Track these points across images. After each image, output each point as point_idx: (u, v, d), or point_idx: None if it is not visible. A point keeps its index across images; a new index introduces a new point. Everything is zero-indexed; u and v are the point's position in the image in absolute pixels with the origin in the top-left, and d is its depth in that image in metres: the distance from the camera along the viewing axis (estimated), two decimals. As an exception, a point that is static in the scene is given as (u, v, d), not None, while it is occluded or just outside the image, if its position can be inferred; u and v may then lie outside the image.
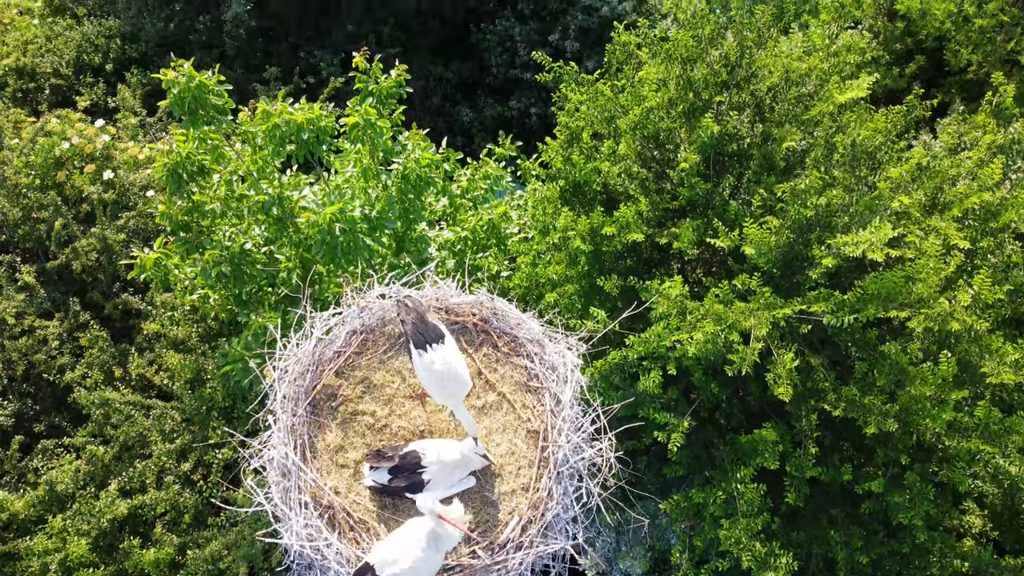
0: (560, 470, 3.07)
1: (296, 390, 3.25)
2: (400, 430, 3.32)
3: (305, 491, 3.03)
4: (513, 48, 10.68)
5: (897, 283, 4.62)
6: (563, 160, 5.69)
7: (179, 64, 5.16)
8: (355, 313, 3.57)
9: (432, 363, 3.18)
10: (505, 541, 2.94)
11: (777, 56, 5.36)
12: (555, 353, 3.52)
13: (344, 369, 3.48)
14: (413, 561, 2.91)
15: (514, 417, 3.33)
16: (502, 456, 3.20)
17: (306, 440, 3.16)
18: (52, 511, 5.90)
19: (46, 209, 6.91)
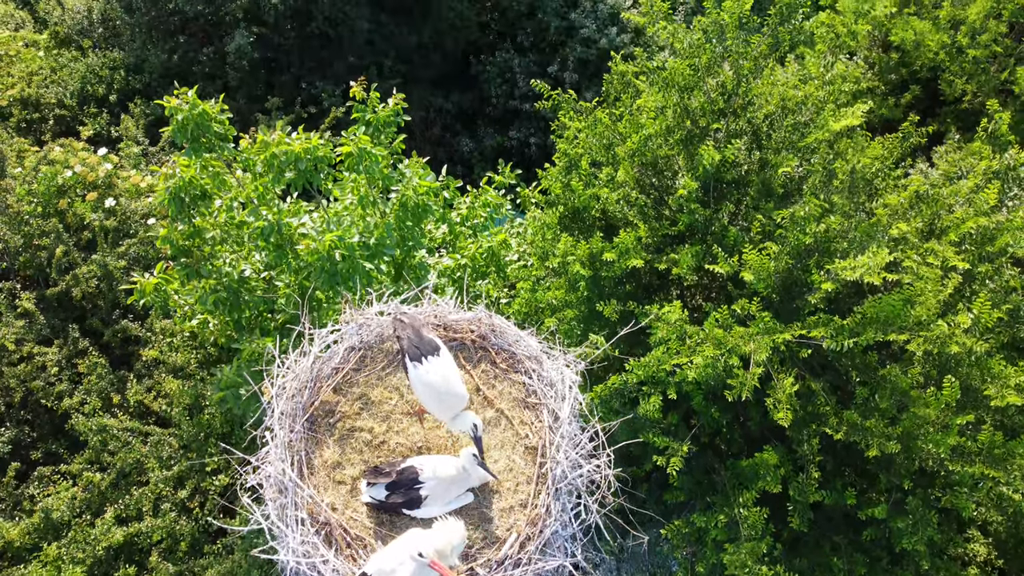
0: (558, 487, 3.05)
1: (294, 406, 3.24)
2: (398, 446, 3.30)
3: (302, 507, 3.00)
4: (512, 79, 10.82)
5: (896, 307, 4.63)
6: (562, 187, 5.73)
7: (182, 92, 5.22)
8: (353, 330, 3.57)
9: (427, 375, 3.18)
10: (503, 558, 2.90)
11: (773, 84, 5.42)
12: (553, 370, 3.51)
13: (342, 386, 3.47)
14: (410, 573, 2.88)
15: (512, 433, 3.32)
16: (500, 472, 3.18)
17: (303, 456, 3.14)
18: (47, 539, 5.84)
19: (47, 236, 6.94)
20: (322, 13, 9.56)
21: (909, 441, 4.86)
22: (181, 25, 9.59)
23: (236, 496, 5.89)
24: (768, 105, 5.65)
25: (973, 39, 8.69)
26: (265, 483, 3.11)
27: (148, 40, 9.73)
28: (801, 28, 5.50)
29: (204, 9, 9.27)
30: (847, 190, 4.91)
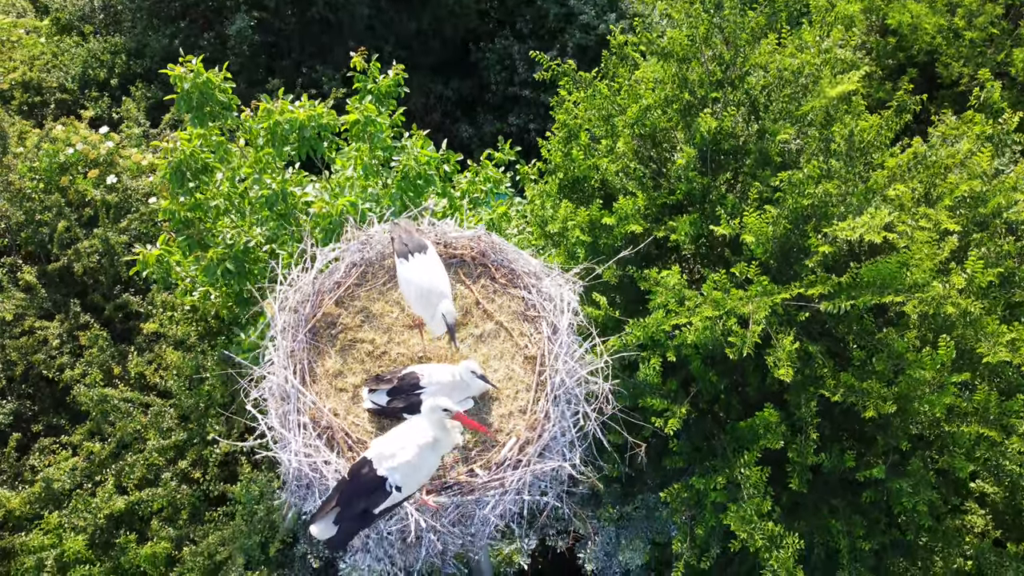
0: (557, 393, 3.08)
1: (296, 319, 3.27)
2: (399, 356, 3.34)
3: (304, 412, 3.03)
4: (512, 66, 10.87)
5: (891, 269, 4.68)
6: (562, 155, 5.77)
7: (187, 60, 5.27)
8: (355, 247, 3.61)
9: (411, 271, 3.22)
10: (503, 460, 2.93)
11: (771, 54, 5.47)
12: (552, 285, 3.55)
13: (344, 299, 3.51)
14: (412, 456, 2.88)
15: (511, 344, 3.35)
16: (500, 381, 3.21)
17: (305, 365, 3.18)
18: (48, 508, 5.86)
19: (49, 211, 6.98)
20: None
21: (906, 403, 4.91)
22: (182, 10, 9.65)
23: (237, 462, 5.93)
24: (766, 78, 5.71)
25: (970, 22, 8.76)
26: (268, 395, 3.14)
27: (149, 25, 9.79)
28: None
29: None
30: (845, 155, 4.95)
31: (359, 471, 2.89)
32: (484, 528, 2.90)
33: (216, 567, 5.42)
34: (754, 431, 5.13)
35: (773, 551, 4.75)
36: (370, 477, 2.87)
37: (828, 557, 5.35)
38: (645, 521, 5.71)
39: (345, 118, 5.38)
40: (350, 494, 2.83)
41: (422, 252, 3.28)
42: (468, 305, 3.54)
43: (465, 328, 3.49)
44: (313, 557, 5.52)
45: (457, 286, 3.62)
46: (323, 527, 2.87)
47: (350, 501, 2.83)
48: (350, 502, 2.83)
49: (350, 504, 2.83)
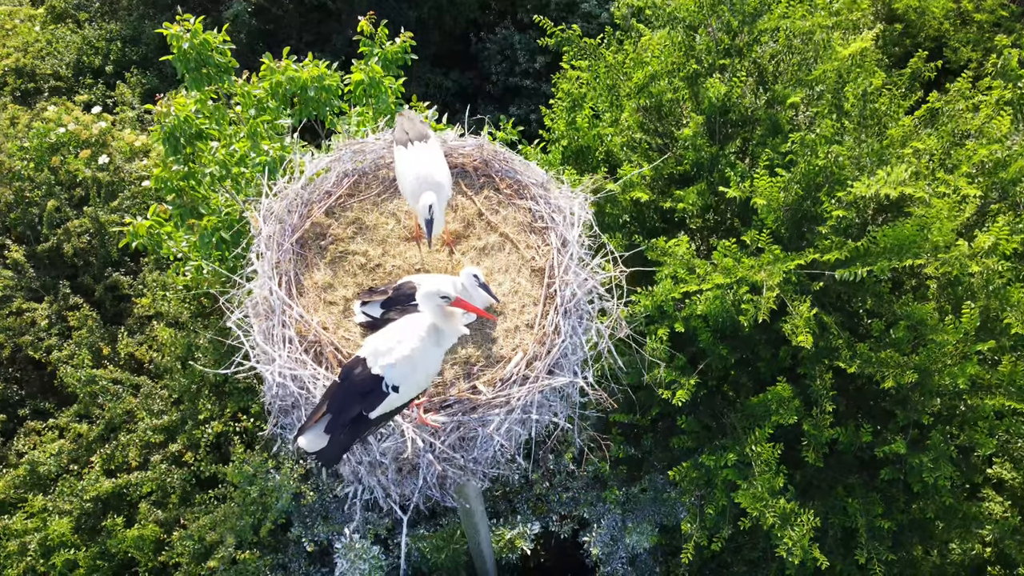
0: (567, 307, 2.85)
1: (281, 229, 3.05)
2: (395, 269, 3.10)
3: (290, 326, 2.80)
4: (513, 56, 10.71)
5: (910, 233, 4.48)
6: (566, 124, 5.60)
7: (184, 18, 5.10)
8: (347, 155, 3.40)
9: (408, 159, 2.99)
10: (508, 376, 2.70)
11: (781, 18, 5.31)
12: (561, 196, 3.33)
13: (334, 209, 3.27)
14: (410, 350, 2.60)
15: (517, 257, 3.11)
16: (505, 295, 2.97)
17: (292, 277, 2.94)
18: (33, 492, 5.65)
19: (39, 189, 6.80)
20: (321, -16, 9.50)
21: (925, 378, 4.71)
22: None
23: (230, 442, 5.71)
24: (774, 46, 5.55)
25: (978, 5, 8.62)
26: (251, 314, 2.91)
27: (145, 13, 9.65)
28: (808, -38, 5.39)
29: (202, -22, 9.21)
30: (858, 115, 4.78)
31: (351, 371, 2.60)
32: (486, 452, 2.67)
33: (206, 550, 5.20)
34: (766, 407, 4.93)
35: (787, 529, 4.54)
36: (364, 377, 2.58)
37: (844, 537, 5.13)
38: (652, 504, 5.49)
39: (349, 78, 5.19)
40: (342, 398, 2.55)
41: (423, 141, 3.06)
42: (470, 216, 3.30)
43: (467, 241, 3.25)
44: (307, 541, 5.30)
45: (458, 197, 3.40)
46: (312, 438, 2.57)
47: (342, 406, 2.54)
48: (342, 407, 2.54)
49: (343, 409, 2.54)
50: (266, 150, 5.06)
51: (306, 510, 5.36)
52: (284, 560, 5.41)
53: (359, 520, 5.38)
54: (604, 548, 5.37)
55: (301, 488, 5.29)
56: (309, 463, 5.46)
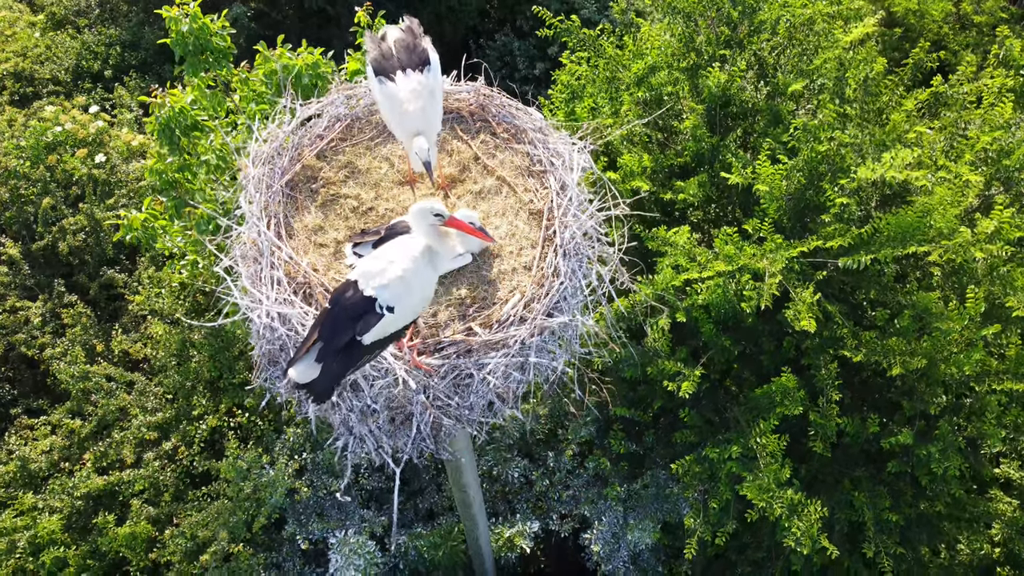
0: (567, 248, 2.76)
1: (271, 171, 2.96)
2: (387, 212, 3.00)
3: (279, 267, 2.70)
4: (512, 62, 10.72)
5: (913, 220, 4.42)
6: (565, 115, 5.56)
7: (184, 2, 5.08)
8: (340, 100, 3.32)
9: (402, 96, 2.86)
10: (505, 317, 2.61)
11: (783, 6, 5.28)
12: (560, 141, 3.25)
13: (326, 153, 3.17)
14: (403, 271, 2.50)
15: (515, 200, 3.02)
16: (502, 238, 2.87)
17: (281, 220, 2.85)
18: (24, 489, 5.54)
19: (35, 186, 6.74)
20: (321, -11, 9.50)
21: (932, 367, 4.63)
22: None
23: (224, 437, 5.61)
24: (775, 39, 5.52)
25: (977, 7, 8.62)
26: (239, 257, 2.83)
27: (145, 19, 9.65)
28: (808, -48, 5.37)
29: (202, -17, 9.20)
30: (861, 100, 4.73)
31: (342, 295, 2.49)
32: (481, 398, 2.56)
33: (199, 548, 5.09)
34: (771, 398, 4.84)
35: (794, 520, 4.43)
36: (356, 299, 2.46)
37: (851, 532, 5.02)
38: (655, 500, 5.39)
39: (345, 67, 5.16)
40: (333, 323, 2.42)
41: (421, 70, 2.94)
42: (466, 160, 3.21)
43: (463, 185, 3.16)
44: (302, 539, 5.18)
45: (453, 142, 3.31)
46: (303, 369, 2.43)
47: (334, 331, 2.41)
48: (334, 333, 2.41)
49: (334, 335, 2.41)
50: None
51: (300, 507, 5.25)
52: (278, 559, 5.30)
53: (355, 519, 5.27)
54: (605, 546, 5.25)
55: (295, 484, 5.18)
56: (304, 459, 5.37)
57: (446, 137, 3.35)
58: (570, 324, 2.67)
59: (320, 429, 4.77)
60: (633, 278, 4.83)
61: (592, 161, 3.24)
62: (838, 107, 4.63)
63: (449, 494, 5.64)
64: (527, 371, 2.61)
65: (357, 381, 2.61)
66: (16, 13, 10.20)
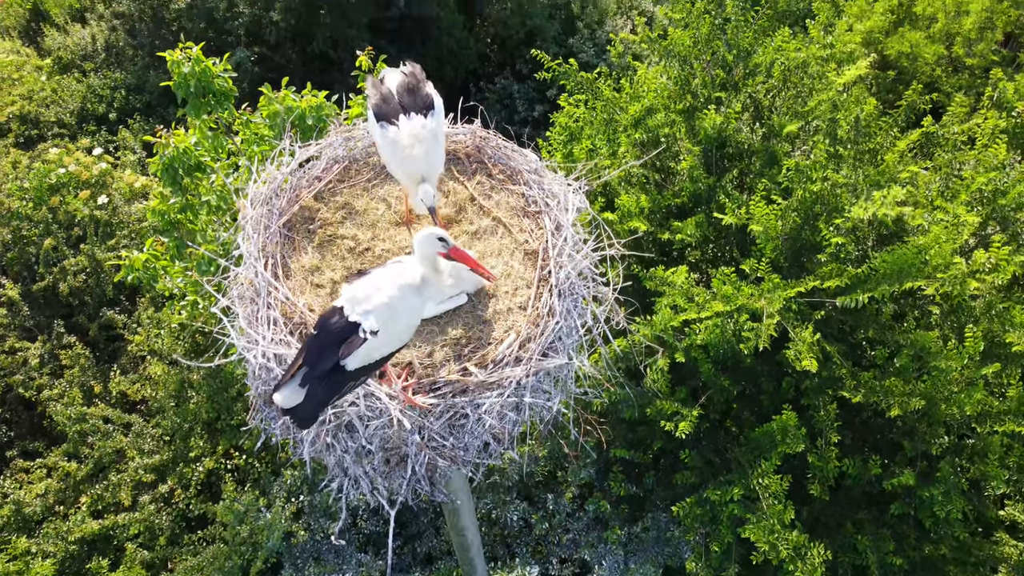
0: (561, 288, 2.75)
1: (268, 212, 2.97)
2: (384, 253, 3.00)
3: (275, 308, 2.70)
4: (512, 105, 10.87)
5: (909, 257, 4.44)
6: (563, 156, 5.61)
7: (187, 46, 5.17)
8: (339, 142, 3.35)
9: (407, 140, 2.85)
10: (500, 357, 2.59)
11: (776, 51, 5.36)
12: (555, 182, 3.27)
13: (324, 194, 3.19)
14: (389, 298, 2.50)
15: (510, 240, 3.02)
16: (497, 279, 2.89)
17: (278, 260, 2.86)
18: (17, 533, 5.48)
19: (37, 228, 6.79)
20: (323, 34, 9.66)
21: (932, 407, 4.61)
22: (184, 46, 9.66)
23: (221, 479, 5.57)
24: (770, 81, 5.60)
25: (969, 50, 8.75)
26: (237, 298, 2.83)
27: (151, 63, 9.81)
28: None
29: (207, 28, 9.38)
30: (853, 140, 4.79)
31: (328, 321, 2.49)
32: (476, 439, 2.54)
33: (193, 592, 5.02)
34: (771, 437, 4.81)
35: (798, 563, 4.37)
36: (341, 324, 2.47)
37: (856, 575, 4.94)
38: (656, 543, 5.32)
39: (348, 111, 5.24)
40: (318, 348, 2.43)
41: (424, 114, 2.96)
42: (462, 201, 3.24)
43: (459, 225, 3.18)
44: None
45: (450, 183, 3.34)
46: (288, 394, 2.43)
47: (319, 356, 2.42)
48: (319, 357, 2.42)
49: (318, 360, 2.42)
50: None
51: (297, 551, 5.19)
52: (274, 604, 5.23)
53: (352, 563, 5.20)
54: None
55: (292, 527, 5.13)
56: (301, 501, 5.31)
57: (443, 178, 3.39)
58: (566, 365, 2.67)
59: (316, 471, 4.74)
60: (630, 318, 4.84)
61: (587, 201, 3.27)
62: (830, 147, 4.67)
63: (447, 538, 5.57)
64: (522, 411, 2.61)
65: (352, 422, 2.61)
66: (23, 57, 10.38)
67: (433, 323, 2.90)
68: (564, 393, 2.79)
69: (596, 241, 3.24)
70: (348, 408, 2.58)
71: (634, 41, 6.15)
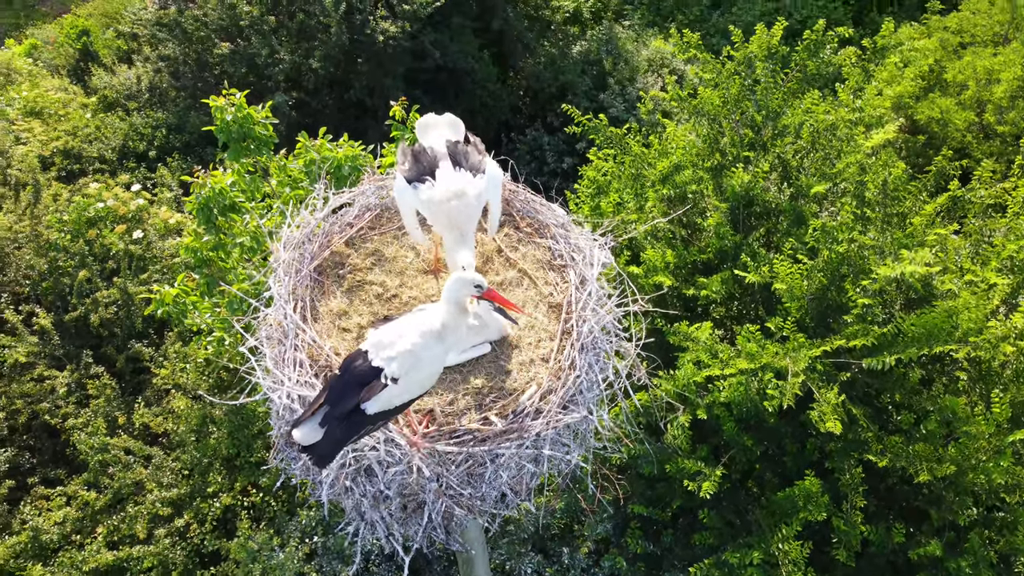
0: (584, 343, 2.76)
1: (300, 255, 3.04)
2: (411, 300, 3.03)
3: (302, 350, 2.73)
4: (542, 156, 11.02)
5: (938, 321, 4.41)
6: (590, 208, 5.67)
7: (230, 93, 5.33)
8: (371, 190, 3.41)
9: (452, 190, 2.88)
10: (521, 408, 2.59)
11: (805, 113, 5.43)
12: (581, 237, 3.30)
13: (354, 240, 3.25)
14: (412, 345, 2.52)
15: (535, 292, 3.05)
16: (521, 329, 2.90)
17: (307, 303, 2.90)
18: (33, 560, 5.49)
19: (73, 259, 6.95)
20: (360, 82, 9.91)
21: (959, 476, 4.52)
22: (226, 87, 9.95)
23: (237, 516, 5.56)
24: (799, 143, 5.65)
25: (1000, 118, 8.77)
26: (265, 341, 2.87)
27: (192, 104, 10.12)
28: (830, 61, 5.55)
29: (248, 73, 9.67)
30: (880, 203, 4.80)
31: (352, 363, 2.54)
32: (494, 489, 2.53)
33: (203, 631, 4.98)
34: (793, 502, 4.73)
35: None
36: (364, 369, 2.51)
37: (879, 648, 4.80)
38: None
39: (382, 160, 5.36)
40: (340, 389, 2.47)
41: (476, 173, 3.02)
42: (489, 252, 3.29)
43: (485, 275, 3.24)
44: (309, 626, 5.06)
45: (478, 234, 3.40)
46: (307, 431, 2.47)
47: (340, 397, 2.46)
48: (340, 398, 2.46)
49: (339, 401, 2.45)
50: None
51: (309, 593, 5.15)
52: (283, 646, 5.16)
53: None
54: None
55: (305, 568, 5.10)
56: (314, 543, 5.29)
57: (473, 230, 3.44)
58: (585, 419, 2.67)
59: (332, 513, 4.73)
60: (652, 373, 4.83)
61: (612, 257, 3.31)
62: (857, 209, 4.69)
63: (460, 587, 5.50)
64: (541, 463, 2.61)
65: (371, 466, 2.62)
66: (71, 95, 10.76)
67: (456, 371, 2.93)
68: (583, 447, 2.79)
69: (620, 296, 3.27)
70: (368, 452, 2.61)
71: (664, 99, 6.26)
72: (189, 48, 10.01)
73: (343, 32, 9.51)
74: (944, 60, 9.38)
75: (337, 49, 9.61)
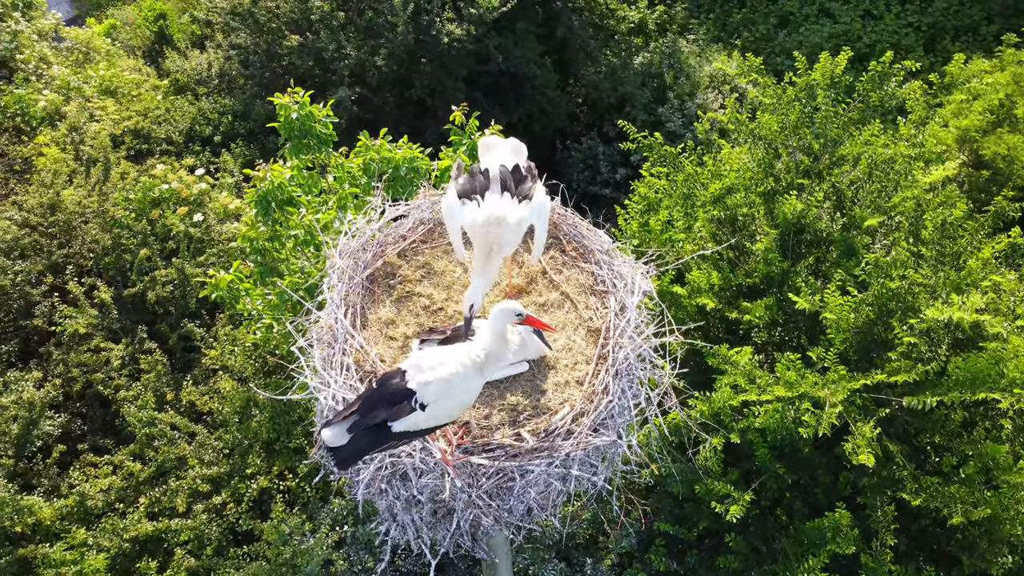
0: (619, 368, 2.82)
1: (354, 264, 3.16)
2: (456, 314, 3.14)
3: (350, 354, 2.85)
4: (595, 166, 11.04)
5: (984, 366, 4.34)
6: (639, 225, 5.70)
7: (295, 91, 5.49)
8: (426, 204, 3.52)
9: (492, 214, 2.97)
10: (553, 428, 2.66)
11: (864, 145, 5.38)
12: (625, 265, 3.36)
13: (407, 252, 3.38)
14: (449, 374, 2.61)
15: (575, 316, 3.12)
16: (559, 351, 2.98)
17: (358, 310, 3.02)
18: (77, 524, 5.74)
19: (135, 237, 7.22)
20: (422, 82, 10.07)
21: (994, 525, 4.45)
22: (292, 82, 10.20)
23: (272, 499, 5.73)
24: (855, 172, 5.59)
25: (1069, 156, 8.52)
26: (315, 342, 2.99)
27: (258, 93, 10.39)
28: (894, 94, 5.49)
29: (314, 66, 9.90)
30: (936, 242, 4.74)
31: (389, 379, 2.64)
32: (520, 503, 2.62)
33: (233, 607, 5.15)
34: (822, 533, 4.71)
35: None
36: (398, 387, 2.61)
37: None
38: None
39: (438, 163, 5.47)
40: (373, 401, 2.57)
41: (526, 199, 3.10)
42: (534, 273, 3.39)
43: (528, 296, 3.31)
44: (333, 612, 5.19)
45: (524, 255, 3.47)
46: (335, 433, 2.57)
47: (371, 408, 2.56)
48: (371, 410, 2.56)
49: (370, 412, 2.55)
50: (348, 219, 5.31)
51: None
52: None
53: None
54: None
55: (333, 556, 5.23)
56: (344, 531, 5.42)
57: (518, 249, 3.52)
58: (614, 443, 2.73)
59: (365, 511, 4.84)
60: (688, 391, 4.84)
61: (652, 286, 3.35)
62: (912, 246, 4.64)
63: (483, 587, 5.58)
64: (568, 482, 2.68)
65: (407, 472, 2.72)
66: (144, 76, 11.13)
67: (494, 387, 3.02)
68: (610, 470, 2.85)
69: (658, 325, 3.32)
70: (404, 459, 2.72)
71: (722, 120, 6.26)
72: (260, 38, 10.29)
73: (409, 32, 9.67)
74: (1016, 95, 9.15)
75: (402, 48, 9.78)
